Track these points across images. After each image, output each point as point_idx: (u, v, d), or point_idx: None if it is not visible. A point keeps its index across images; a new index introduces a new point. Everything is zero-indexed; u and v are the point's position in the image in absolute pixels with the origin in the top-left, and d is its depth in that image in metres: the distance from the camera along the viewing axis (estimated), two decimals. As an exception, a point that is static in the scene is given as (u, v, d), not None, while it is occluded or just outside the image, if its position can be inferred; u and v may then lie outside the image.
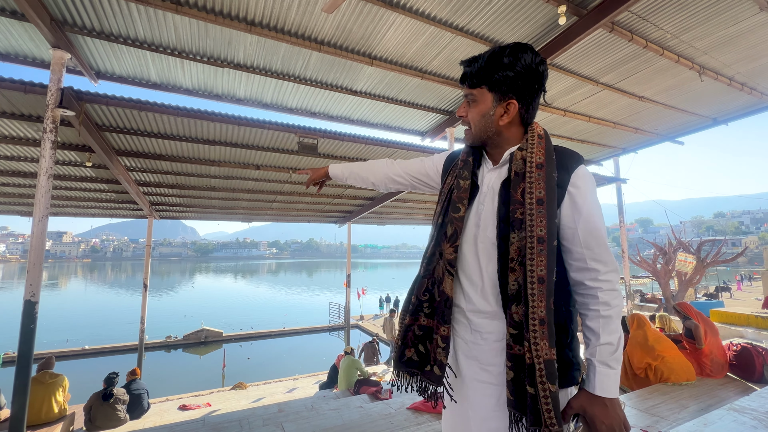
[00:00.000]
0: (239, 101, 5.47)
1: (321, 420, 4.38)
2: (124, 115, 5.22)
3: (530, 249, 1.08)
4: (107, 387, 5.73)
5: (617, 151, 8.80)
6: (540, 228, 1.09)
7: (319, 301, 34.89)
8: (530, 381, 1.04)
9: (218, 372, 13.88)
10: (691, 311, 4.77)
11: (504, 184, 1.18)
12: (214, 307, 32.57)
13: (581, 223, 1.12)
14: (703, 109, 6.74)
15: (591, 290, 1.11)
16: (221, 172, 7.69)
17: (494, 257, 1.16)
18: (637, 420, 3.32)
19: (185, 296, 42.80)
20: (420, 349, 1.24)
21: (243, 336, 19.39)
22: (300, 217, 12.76)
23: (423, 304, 1.24)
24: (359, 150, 7.17)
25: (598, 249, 1.11)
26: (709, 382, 4.25)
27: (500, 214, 1.16)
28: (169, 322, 23.84)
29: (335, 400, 5.46)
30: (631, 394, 3.97)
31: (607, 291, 1.10)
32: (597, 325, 1.10)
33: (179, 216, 11.03)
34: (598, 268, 1.10)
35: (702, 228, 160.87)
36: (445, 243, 1.21)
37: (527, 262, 1.08)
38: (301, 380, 10.68)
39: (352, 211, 12.16)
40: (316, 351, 17.01)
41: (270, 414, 5.00)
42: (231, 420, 4.66)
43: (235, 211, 11.00)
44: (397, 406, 4.46)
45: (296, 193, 9.59)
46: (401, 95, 5.73)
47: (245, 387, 9.83)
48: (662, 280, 12.19)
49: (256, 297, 41.13)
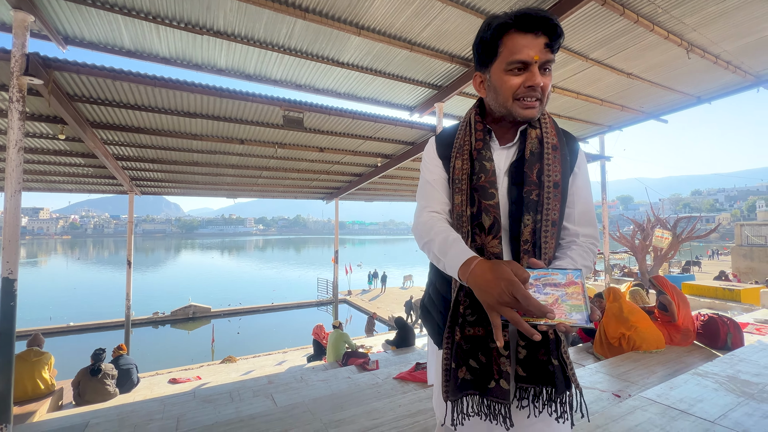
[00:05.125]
0: (220, 71, 5.27)
1: (310, 390, 4.49)
2: (97, 84, 5.00)
3: (545, 232, 1.09)
4: (95, 362, 5.71)
5: (603, 128, 8.86)
6: (554, 212, 1.10)
7: (307, 277, 35.04)
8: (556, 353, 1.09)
9: (207, 347, 13.96)
10: (666, 284, 4.96)
11: (515, 164, 1.15)
12: (202, 283, 32.45)
13: (579, 204, 1.16)
14: (688, 87, 6.79)
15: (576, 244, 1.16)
16: (204, 147, 7.54)
17: (507, 241, 1.13)
18: (609, 385, 3.49)
19: (171, 273, 42.50)
20: (472, 365, 1.12)
21: (231, 311, 19.44)
22: (287, 193, 12.65)
23: (465, 312, 1.13)
24: (346, 124, 7.06)
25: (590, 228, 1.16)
26: (676, 350, 4.46)
27: (512, 196, 1.13)
28: (155, 298, 23.69)
29: (324, 371, 5.53)
30: (605, 361, 4.17)
31: (590, 247, 1.14)
32: (575, 254, 1.10)
33: (161, 192, 10.86)
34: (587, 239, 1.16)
35: (679, 205, 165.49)
36: (487, 236, 1.11)
37: (542, 245, 1.09)
38: (290, 353, 10.80)
39: (339, 188, 12.11)
40: (304, 325, 17.18)
41: (260, 386, 5.04)
42: (221, 392, 4.71)
43: (219, 187, 10.90)
44: (383, 377, 4.54)
45: (282, 168, 9.49)
46: (389, 68, 5.61)
47: (235, 360, 9.92)
48: (639, 255, 12.60)
49: (243, 273, 41.02)
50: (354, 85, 6.02)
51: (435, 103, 6.38)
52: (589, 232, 1.15)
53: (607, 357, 4.50)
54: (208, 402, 4.28)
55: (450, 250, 1.05)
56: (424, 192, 1.24)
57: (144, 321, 17.19)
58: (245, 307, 20.21)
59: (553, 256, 1.11)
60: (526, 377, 1.11)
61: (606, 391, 3.36)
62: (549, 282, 0.92)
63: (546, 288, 0.91)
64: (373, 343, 10.29)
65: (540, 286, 0.91)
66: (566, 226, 1.16)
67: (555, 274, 0.94)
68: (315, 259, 60.74)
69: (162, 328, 17.33)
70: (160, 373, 8.80)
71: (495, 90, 1.13)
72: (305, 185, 11.57)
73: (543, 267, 0.96)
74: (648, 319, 4.65)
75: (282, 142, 7.62)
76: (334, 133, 7.43)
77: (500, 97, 1.12)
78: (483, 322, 1.11)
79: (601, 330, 4.71)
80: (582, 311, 0.87)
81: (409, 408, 3.15)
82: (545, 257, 1.09)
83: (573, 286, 0.91)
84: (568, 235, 1.15)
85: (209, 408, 4.04)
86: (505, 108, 1.12)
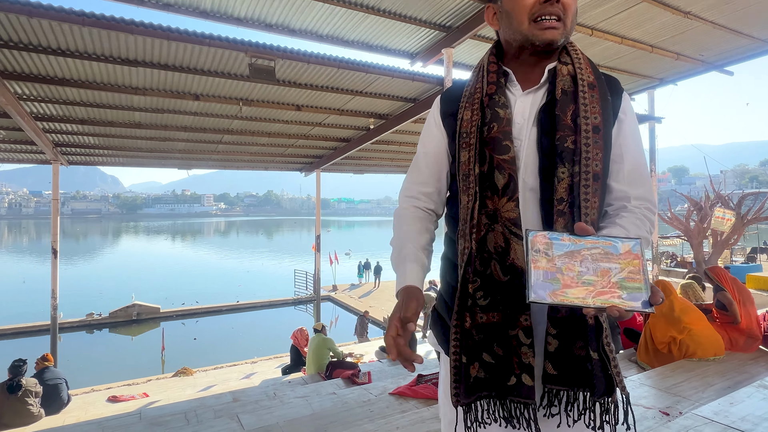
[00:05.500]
0: (168, 7, 5.16)
1: (286, 410, 4.50)
2: (7, 22, 4.87)
3: (585, 188, 1.09)
4: (13, 377, 5.72)
5: (654, 82, 8.84)
6: (596, 162, 1.10)
7: (281, 269, 35.16)
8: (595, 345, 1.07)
9: (156, 356, 14.07)
10: (724, 278, 5.02)
11: (544, 108, 1.16)
12: (148, 277, 32.48)
13: (628, 157, 1.16)
14: (759, 31, 6.77)
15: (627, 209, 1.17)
16: (148, 104, 7.50)
17: (537, 207, 1.15)
18: (655, 400, 3.55)
19: (109, 264, 42.34)
20: (487, 359, 1.12)
21: (186, 312, 19.57)
22: (255, 163, 12.63)
23: (476, 294, 1.13)
24: (330, 75, 6.98)
25: (643, 188, 1.16)
26: (738, 357, 4.54)
27: (543, 147, 1.14)
28: (89, 296, 23.69)
29: (303, 386, 5.59)
30: (651, 372, 4.21)
31: (646, 214, 1.15)
32: (627, 223, 1.11)
33: (95, 161, 10.83)
34: (641, 203, 1.16)
35: (745, 178, 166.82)
36: (501, 198, 1.12)
37: (582, 204, 1.09)
38: (261, 364, 10.94)
39: (321, 156, 12.11)
40: (278, 329, 17.32)
41: (223, 404, 5.10)
42: (174, 412, 4.75)
43: (169, 155, 10.86)
44: (377, 392, 4.59)
45: (249, 132, 9.46)
46: (384, 3, 5.52)
47: (191, 373, 10.04)
48: (695, 240, 12.73)
49: (200, 264, 41.03)
50: (340, 25, 5.91)
51: (442, 48, 6.31)
52: (642, 193, 1.16)
53: (653, 366, 4.54)
54: (158, 425, 4.31)
55: (400, 267, 1.17)
56: (411, 169, 1.33)
57: (75, 324, 17.23)
58: (203, 306, 20.34)
59: (597, 224, 1.11)
60: (556, 376, 1.09)
61: (652, 408, 3.41)
62: (599, 253, 0.92)
63: (595, 261, 0.91)
64: (365, 351, 10.45)
65: (587, 258, 0.91)
66: (613, 187, 1.17)
67: (607, 243, 0.94)
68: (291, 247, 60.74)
69: (98, 333, 17.41)
70: (96, 389, 8.85)
71: (508, 15, 1.17)
72: (278, 153, 11.54)
73: (592, 233, 0.95)
74: (704, 319, 4.71)
75: (248, 98, 7.58)
76: (314, 87, 7.36)
77: (514, 21, 1.15)
78: (498, 305, 1.12)
79: (647, 333, 4.75)
80: (641, 291, 0.86)
81: (410, 431, 3.16)
82: (587, 222, 1.08)
83: (630, 260, 0.91)
84: (617, 199, 1.17)
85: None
86: (520, 34, 1.15)
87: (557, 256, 0.91)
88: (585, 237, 0.94)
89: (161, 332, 15.47)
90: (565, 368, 1.08)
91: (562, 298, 0.86)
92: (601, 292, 0.86)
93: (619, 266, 0.89)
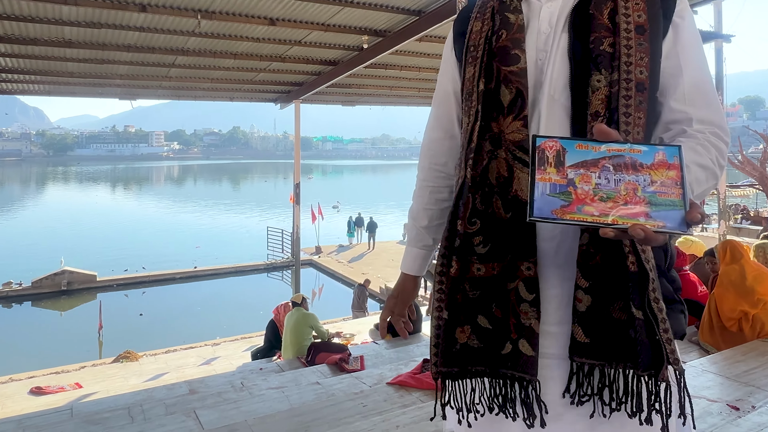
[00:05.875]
0: None
1: (256, 404, 4.49)
2: None
3: (625, 98, 1.09)
4: None
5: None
6: (640, 69, 1.10)
7: (250, 227, 35.44)
8: (639, 299, 1.03)
9: (92, 336, 14.28)
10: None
11: (577, 9, 1.17)
12: (81, 237, 32.56)
13: (689, 69, 1.15)
14: None
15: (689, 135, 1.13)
16: (81, 16, 7.44)
17: (566, 125, 1.15)
18: (722, 392, 3.58)
19: (31, 219, 42.46)
20: (481, 323, 1.12)
21: (129, 280, 19.79)
22: (217, 92, 12.69)
23: (472, 240, 1.14)
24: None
25: (708, 109, 1.14)
26: (828, 337, 4.58)
27: (575, 54, 1.15)
28: (6, 261, 23.78)
29: (278, 374, 5.64)
30: (716, 355, 4.25)
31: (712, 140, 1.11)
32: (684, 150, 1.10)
33: (13, 89, 10.80)
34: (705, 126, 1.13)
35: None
36: (505, 117, 1.15)
37: (621, 119, 1.09)
38: (225, 346, 11.14)
39: (301, 83, 12.07)
40: (247, 302, 17.59)
41: (176, 397, 5.10)
42: (114, 408, 4.75)
43: (108, 82, 10.80)
44: (372, 381, 4.61)
45: (209, 52, 9.42)
46: None
47: (136, 358, 10.19)
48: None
49: (148, 220, 41.13)
50: None
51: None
52: (707, 115, 1.14)
53: (719, 348, 4.58)
54: (94, 424, 4.30)
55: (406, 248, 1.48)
56: (432, 105, 1.47)
57: (-12, 296, 17.42)
58: (151, 273, 20.50)
59: None
60: (589, 346, 1.05)
61: (718, 401, 3.38)
62: (624, 162, 0.88)
63: (618, 171, 0.87)
64: (357, 330, 10.67)
65: (608, 168, 0.88)
66: (671, 107, 1.16)
67: (636, 150, 0.90)
68: (263, 198, 60.88)
69: (18, 307, 17.63)
70: (16, 378, 9.01)
71: None
72: (246, 80, 11.51)
73: (617, 138, 0.92)
74: (784, 289, 4.72)
75: (208, 9, 7.48)
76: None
77: None
78: (500, 253, 1.11)
79: (711, 306, 4.77)
80: (676, 209, 0.83)
81: (413, 431, 3.16)
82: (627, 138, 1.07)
83: (664, 170, 0.87)
84: (675, 122, 1.16)
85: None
86: None
87: (570, 165, 0.87)
88: (608, 143, 0.90)
89: (98, 306, 15.49)
90: (601, 334, 1.04)
91: (572, 216, 0.83)
92: (624, 209, 0.83)
93: (649, 177, 0.86)
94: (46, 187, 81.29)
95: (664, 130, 1.17)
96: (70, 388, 7.79)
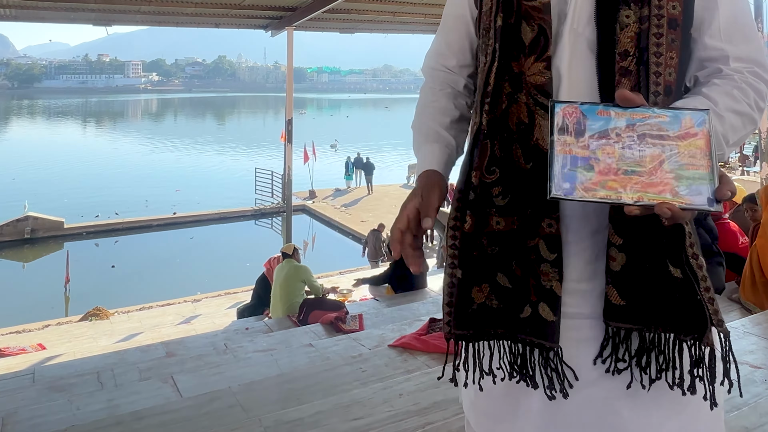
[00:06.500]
0: None
1: (241, 369, 4.51)
2: None
3: (656, 36, 1.12)
4: None
5: None
6: (673, 4, 1.13)
7: (237, 168, 35.63)
8: (676, 257, 1.06)
9: (58, 291, 14.42)
10: None
11: None
12: (48, 178, 32.77)
13: (724, 3, 1.16)
14: None
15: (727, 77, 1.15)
16: None
17: (592, 65, 1.16)
18: (767, 357, 3.59)
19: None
20: (501, 282, 1.14)
21: (100, 228, 19.90)
22: (201, 17, 12.79)
23: (490, 190, 1.15)
24: None
25: (747, 45, 1.17)
26: None
27: None
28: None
29: (266, 335, 5.67)
30: (760, 315, 4.25)
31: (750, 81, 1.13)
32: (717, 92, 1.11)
33: None
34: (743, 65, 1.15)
35: None
36: (526, 57, 1.17)
37: (651, 59, 1.12)
38: (207, 303, 11.25)
39: (294, 8, 12.10)
40: (233, 253, 17.72)
41: (152, 360, 5.10)
42: (82, 372, 4.77)
43: (80, 6, 10.77)
44: (372, 343, 4.63)
45: None
46: None
47: (107, 316, 10.29)
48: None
49: (122, 160, 41.32)
50: None
51: None
52: (745, 52, 1.16)
53: (763, 307, 4.58)
54: (59, 390, 4.30)
55: (418, 155, 1.29)
56: (436, 34, 1.46)
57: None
58: (125, 220, 20.64)
59: (675, 89, 1.14)
60: (625, 309, 1.09)
61: (762, 367, 3.40)
62: (650, 131, 0.92)
63: (642, 142, 0.91)
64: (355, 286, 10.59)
65: (633, 138, 0.92)
66: (706, 43, 1.18)
67: (662, 117, 0.94)
68: (251, 136, 61.27)
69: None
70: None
71: None
72: (233, 3, 11.56)
73: (642, 103, 0.95)
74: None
75: None
76: None
77: None
78: (520, 205, 1.14)
79: (753, 259, 4.78)
80: (704, 183, 0.86)
81: (418, 399, 3.14)
82: (660, 85, 1.12)
83: (692, 139, 0.91)
84: (710, 60, 1.18)
85: (61, 401, 4.05)
86: None
87: (591, 136, 0.92)
88: (632, 108, 0.94)
89: (65, 257, 15.62)
90: (638, 296, 1.09)
91: (595, 193, 0.88)
92: (649, 183, 0.87)
93: (676, 148, 0.90)
94: (10, 123, 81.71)
95: (698, 68, 1.20)
96: (32, 349, 7.88)
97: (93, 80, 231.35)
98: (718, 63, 1.17)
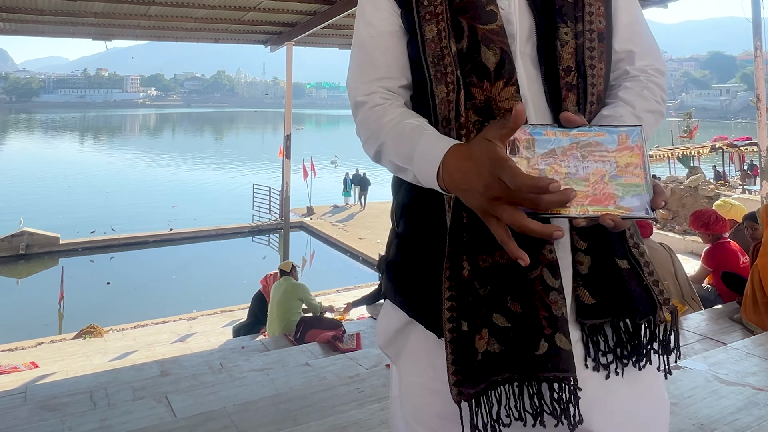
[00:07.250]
0: None
1: (236, 389, 4.50)
2: None
3: (590, 50, 1.22)
4: None
5: None
6: (600, 18, 1.24)
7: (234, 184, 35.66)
8: (622, 249, 1.19)
9: (52, 308, 14.32)
10: None
11: None
12: (44, 193, 32.74)
13: (624, 13, 1.31)
14: None
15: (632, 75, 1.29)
16: None
17: (538, 79, 1.21)
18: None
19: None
20: (498, 322, 1.10)
21: (96, 244, 19.85)
22: (200, 32, 12.89)
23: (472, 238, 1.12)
24: None
25: (644, 45, 1.31)
26: None
27: (536, 4, 1.22)
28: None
29: (263, 354, 5.66)
30: (762, 336, 4.25)
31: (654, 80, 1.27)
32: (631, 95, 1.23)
33: None
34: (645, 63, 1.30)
35: None
36: (494, 83, 1.15)
37: (587, 71, 1.21)
38: (203, 321, 11.25)
39: (294, 23, 12.14)
40: (229, 270, 17.66)
41: (146, 380, 5.09)
42: (75, 391, 4.73)
43: (80, 21, 10.80)
44: (370, 363, 4.65)
45: None
46: None
47: (101, 334, 10.26)
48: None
49: (119, 175, 41.32)
50: None
51: None
52: (645, 51, 1.32)
53: (765, 328, 4.59)
54: (51, 410, 4.28)
55: (417, 147, 1.07)
56: (355, 62, 1.37)
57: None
58: (121, 236, 20.59)
59: (604, 97, 1.25)
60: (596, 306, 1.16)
61: (765, 389, 3.40)
62: (590, 148, 0.98)
63: (587, 158, 0.97)
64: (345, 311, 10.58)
65: (576, 156, 0.97)
66: (613, 48, 1.28)
67: (600, 135, 1.00)
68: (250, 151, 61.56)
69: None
70: (-35, 356, 9.03)
71: None
72: (233, 19, 11.62)
73: (582, 124, 1.02)
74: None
75: None
76: None
77: None
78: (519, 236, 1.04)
79: (755, 279, 4.77)
80: (640, 193, 0.93)
81: None
82: (594, 95, 1.21)
83: (627, 153, 0.97)
84: (618, 62, 1.30)
85: (52, 420, 4.04)
86: None
87: (540, 155, 0.95)
88: (574, 129, 1.00)
89: (60, 273, 15.58)
90: (604, 292, 1.16)
91: (536, 215, 0.89)
92: (593, 197, 0.92)
93: (615, 162, 0.96)
94: (7, 137, 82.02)
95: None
96: (24, 367, 7.82)
97: (91, 95, 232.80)
98: (624, 64, 1.29)
